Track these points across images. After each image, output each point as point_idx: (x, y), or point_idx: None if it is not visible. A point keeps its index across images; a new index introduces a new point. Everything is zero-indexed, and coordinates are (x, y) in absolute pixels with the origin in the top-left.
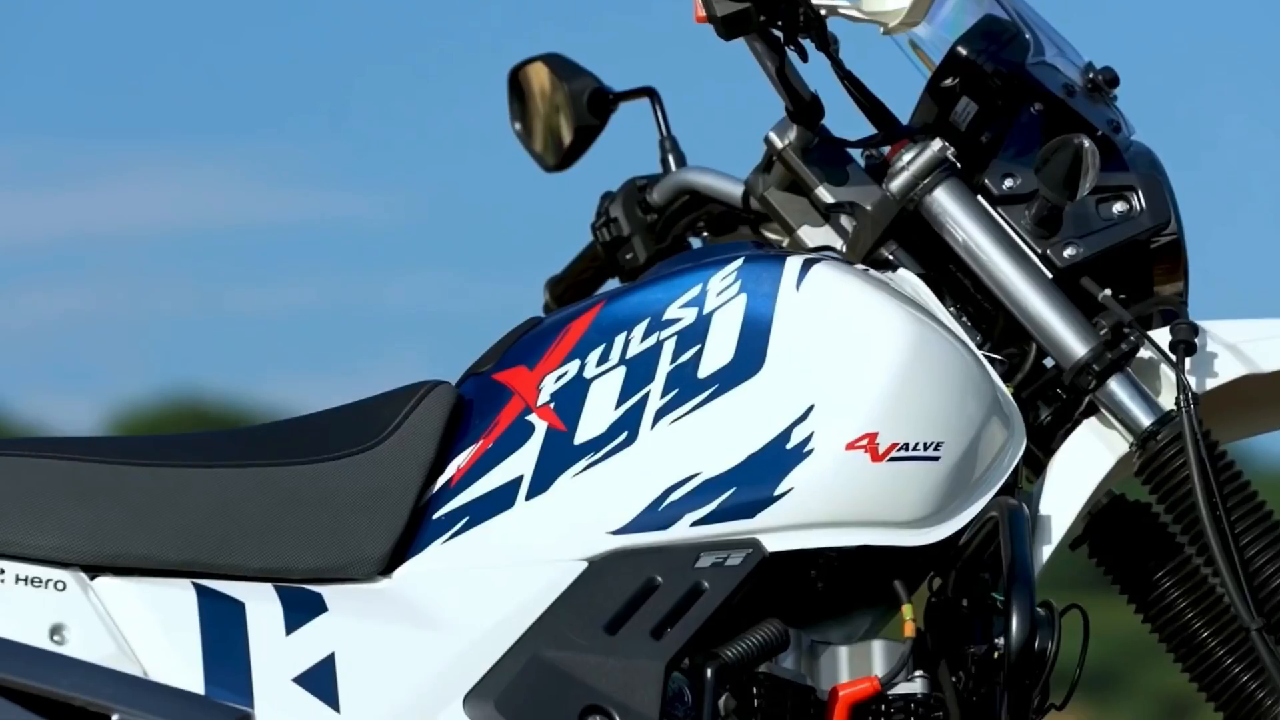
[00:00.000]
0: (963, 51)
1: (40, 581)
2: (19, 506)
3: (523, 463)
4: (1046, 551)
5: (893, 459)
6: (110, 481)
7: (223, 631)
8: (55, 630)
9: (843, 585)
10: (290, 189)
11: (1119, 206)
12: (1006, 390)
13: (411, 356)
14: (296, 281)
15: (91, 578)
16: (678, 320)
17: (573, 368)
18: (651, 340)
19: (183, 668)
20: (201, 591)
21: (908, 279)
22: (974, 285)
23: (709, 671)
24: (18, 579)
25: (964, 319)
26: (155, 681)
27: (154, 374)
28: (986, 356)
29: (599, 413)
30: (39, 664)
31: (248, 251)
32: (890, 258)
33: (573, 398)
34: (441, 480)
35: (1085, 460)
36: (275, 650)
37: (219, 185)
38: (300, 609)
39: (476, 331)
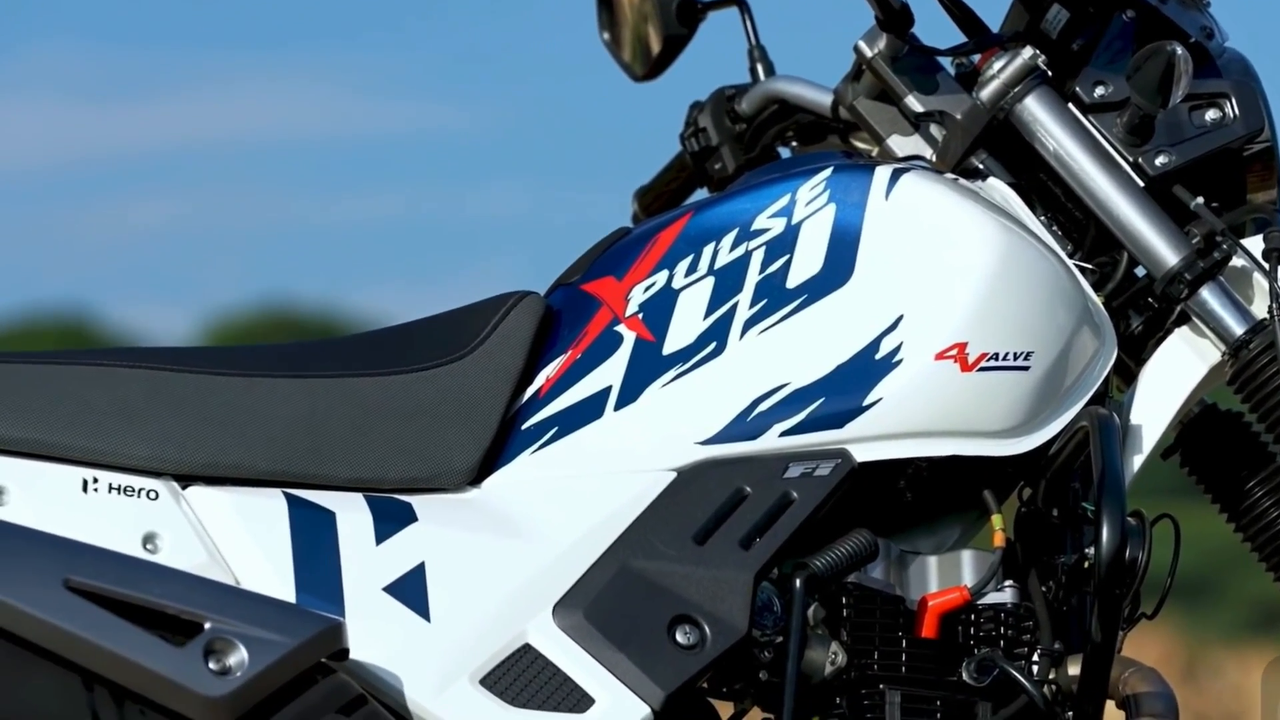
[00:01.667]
0: None
1: (133, 490)
2: (112, 416)
3: (611, 373)
4: (1137, 461)
5: (982, 369)
6: (201, 392)
7: (313, 541)
8: (148, 539)
9: (932, 495)
10: (383, 100)
11: (1211, 114)
12: (1097, 300)
13: (501, 267)
14: (389, 191)
15: (183, 487)
16: (766, 230)
17: (661, 278)
18: (740, 250)
19: (274, 577)
20: (292, 501)
21: (998, 188)
22: (1065, 194)
23: (798, 581)
24: (111, 488)
25: (1054, 228)
26: (247, 590)
27: (248, 283)
28: (1077, 266)
29: (687, 323)
30: (132, 572)
31: (342, 161)
32: (980, 167)
33: (661, 308)
34: (530, 391)
35: (1177, 369)
36: (366, 559)
37: (315, 96)
38: (390, 519)
39: (565, 242)
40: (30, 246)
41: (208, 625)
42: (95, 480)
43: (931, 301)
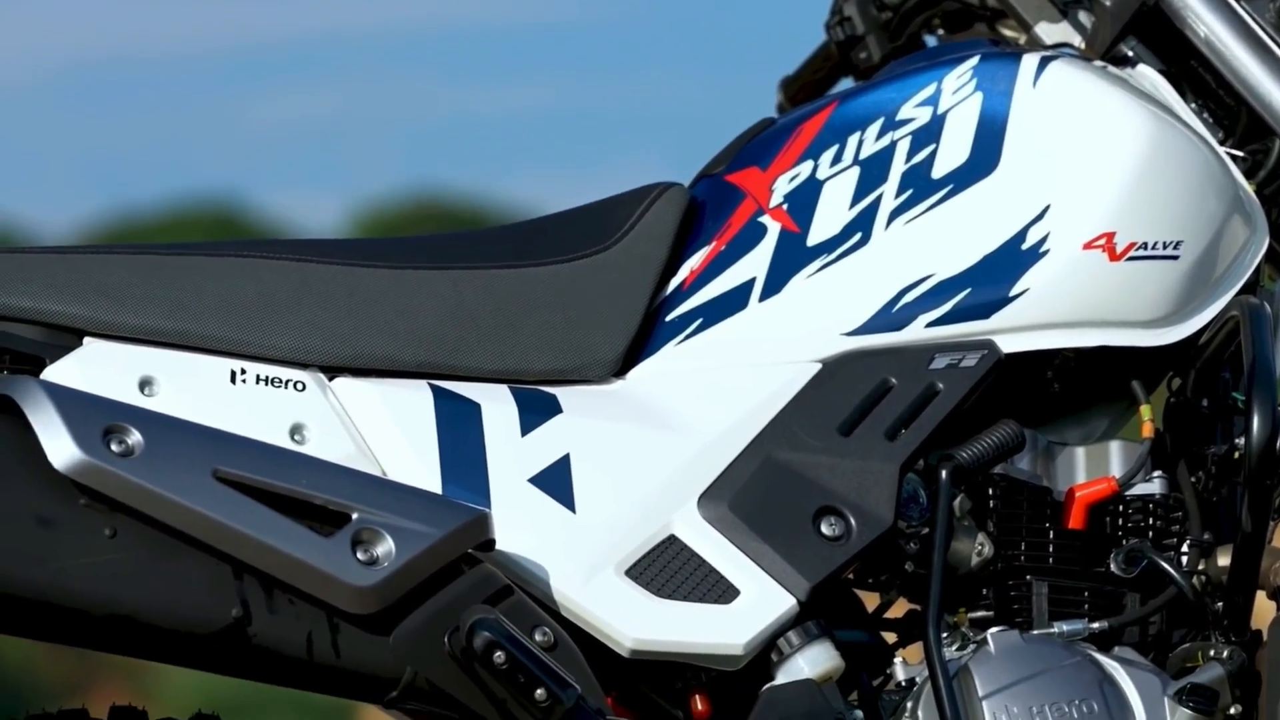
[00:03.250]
0: None
1: (280, 382)
2: (259, 308)
3: (756, 264)
4: None
5: (1131, 258)
6: (347, 283)
7: (459, 432)
8: (295, 430)
9: (1080, 386)
10: None
11: None
12: (1249, 187)
13: (647, 159)
14: (540, 80)
15: (330, 378)
16: (912, 120)
17: (806, 168)
18: (885, 140)
19: (420, 468)
20: (438, 392)
21: (1147, 75)
22: (1215, 81)
23: (944, 473)
24: (259, 379)
25: (1205, 115)
26: (393, 481)
27: (397, 173)
28: (1228, 153)
29: (832, 213)
30: (280, 462)
31: (493, 49)
32: (1129, 54)
33: (806, 199)
34: (674, 282)
35: None
36: (511, 451)
37: None
38: (535, 410)
39: (710, 133)
40: (183, 136)
41: (355, 516)
42: (243, 371)
43: (1079, 191)
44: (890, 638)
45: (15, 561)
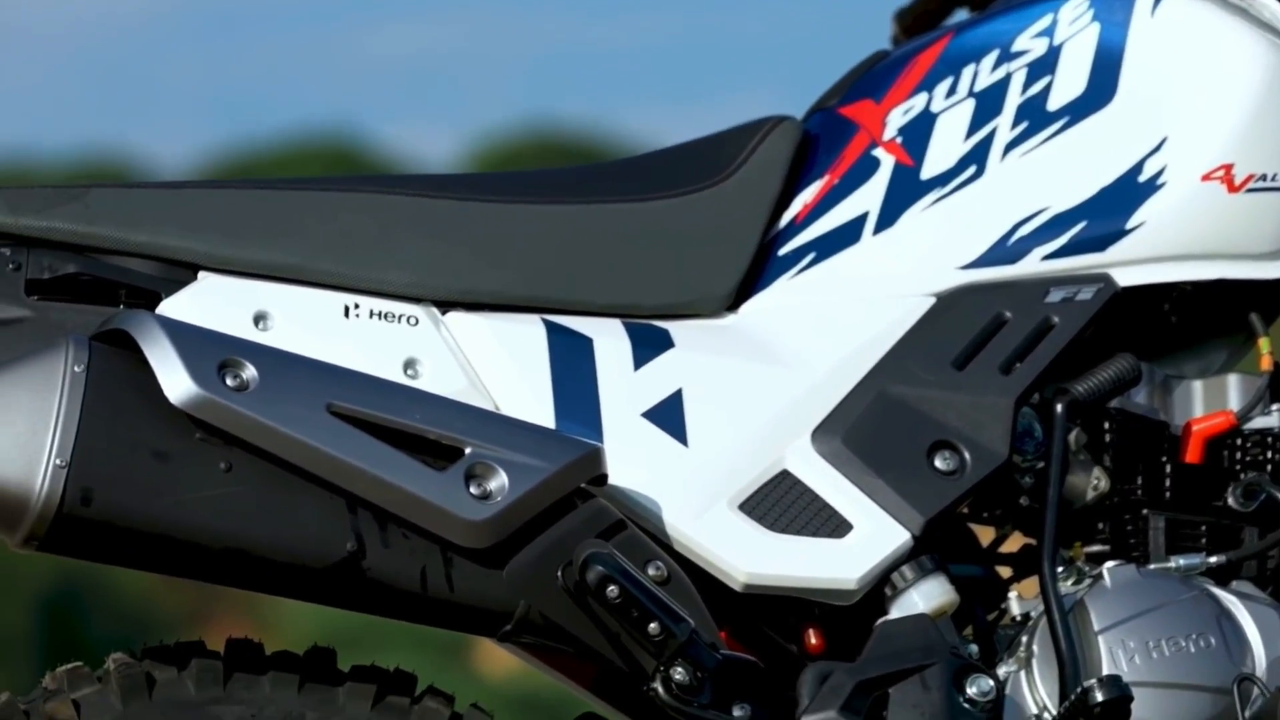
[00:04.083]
0: None
1: (393, 316)
2: (372, 243)
3: (869, 197)
4: None
5: (1249, 190)
6: (460, 218)
7: (572, 366)
8: (408, 364)
9: (1197, 318)
10: None
11: None
12: None
13: (761, 92)
14: (655, 15)
15: (443, 313)
16: (1027, 51)
17: (920, 101)
18: (1000, 72)
19: (533, 402)
20: (550, 327)
21: (1267, 5)
22: None
23: (1059, 407)
24: (372, 313)
25: None
26: (506, 415)
27: (514, 105)
28: None
29: (947, 146)
30: (393, 397)
31: None
32: None
33: (920, 131)
34: (787, 216)
35: None
36: (623, 385)
37: None
38: (647, 344)
39: (823, 66)
40: (300, 69)
41: (468, 450)
42: (356, 306)
43: (1197, 122)
44: (1005, 572)
45: (133, 495)
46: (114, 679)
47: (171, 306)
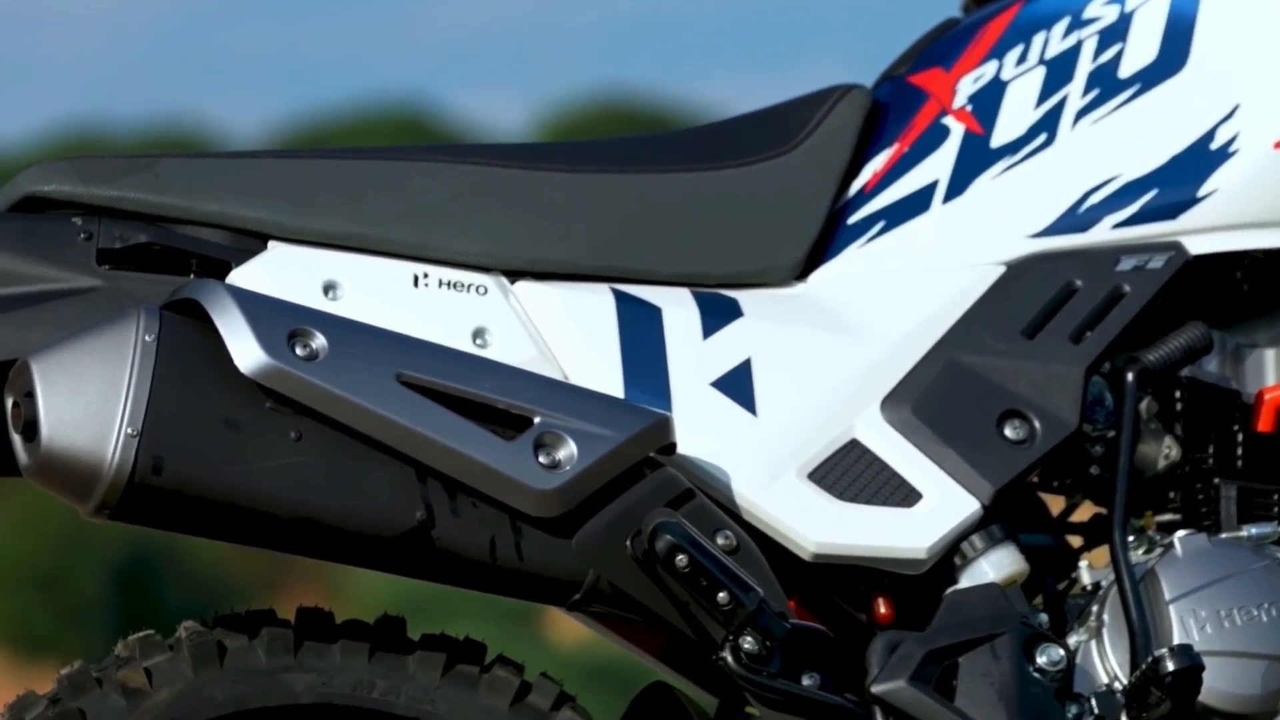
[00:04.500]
0: None
1: (462, 286)
2: (441, 212)
3: (939, 166)
4: None
5: None
6: (528, 187)
7: (640, 335)
8: (477, 334)
9: (1268, 286)
10: None
11: None
12: None
13: (830, 61)
14: None
15: (511, 282)
16: (1098, 19)
17: (990, 69)
18: (1071, 40)
19: (602, 371)
20: (619, 296)
21: None
22: None
23: (1130, 375)
24: (441, 283)
25: None
26: (575, 385)
27: (583, 75)
28: None
29: (1017, 114)
30: (462, 366)
31: None
32: None
33: (990, 99)
34: (857, 184)
35: None
36: (692, 354)
37: None
38: (716, 313)
39: (893, 34)
40: (371, 39)
41: (537, 420)
42: (425, 275)
43: (1269, 89)
44: (1075, 541)
45: (204, 463)
46: (185, 647)
47: (241, 276)
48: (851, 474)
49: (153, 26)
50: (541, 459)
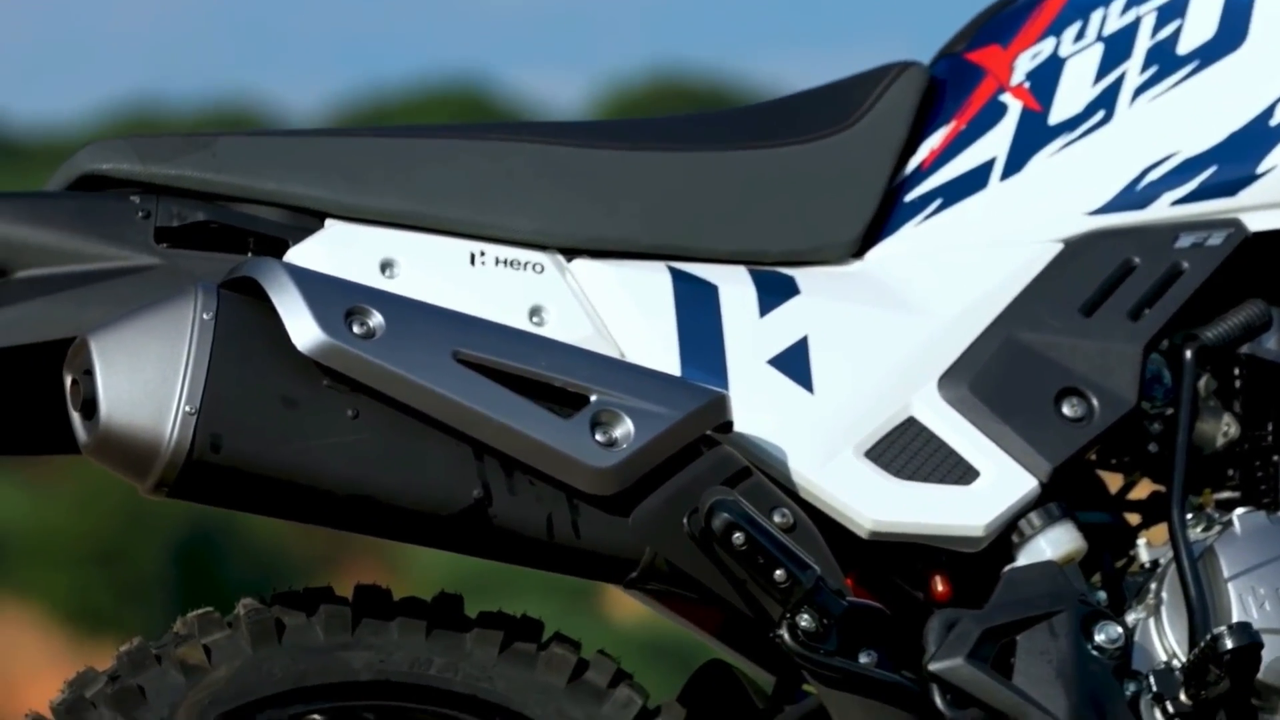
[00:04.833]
0: None
1: (519, 264)
2: (497, 190)
3: (997, 143)
4: None
5: None
6: (585, 165)
7: (697, 313)
8: (534, 311)
9: None
10: None
11: None
12: None
13: (888, 38)
14: None
15: (568, 260)
16: None
17: (1048, 46)
18: (1130, 16)
19: (658, 349)
20: (675, 274)
21: None
22: None
23: (1188, 353)
24: (498, 261)
25: None
26: (632, 363)
27: (641, 52)
28: None
29: (1075, 91)
30: (519, 344)
31: None
32: None
33: (1048, 76)
34: (914, 162)
35: None
36: (749, 332)
37: None
38: (773, 291)
39: (950, 11)
40: (430, 16)
41: (594, 397)
42: (482, 253)
43: None
44: (1134, 519)
45: (261, 441)
46: (244, 624)
47: (299, 254)
48: (909, 452)
49: (211, 4)
50: (598, 437)
